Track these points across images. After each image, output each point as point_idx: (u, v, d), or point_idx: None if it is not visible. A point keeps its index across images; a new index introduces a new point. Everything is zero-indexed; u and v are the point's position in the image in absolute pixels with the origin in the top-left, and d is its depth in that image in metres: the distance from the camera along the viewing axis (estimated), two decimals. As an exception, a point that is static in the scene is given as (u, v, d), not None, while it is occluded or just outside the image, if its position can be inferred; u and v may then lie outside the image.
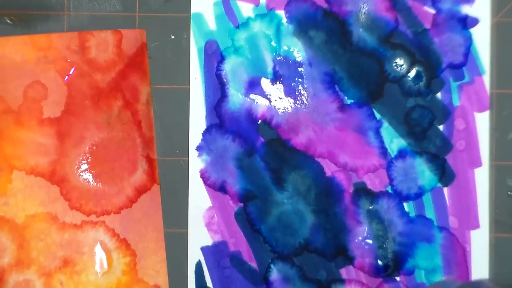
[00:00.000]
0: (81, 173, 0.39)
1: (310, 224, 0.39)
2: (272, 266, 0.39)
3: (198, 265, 0.39)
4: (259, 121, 0.40)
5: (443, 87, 0.39)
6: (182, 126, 0.40)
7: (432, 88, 0.39)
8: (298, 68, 0.40)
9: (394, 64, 0.39)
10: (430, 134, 0.39)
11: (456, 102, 0.39)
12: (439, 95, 0.39)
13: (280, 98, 0.40)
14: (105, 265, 0.39)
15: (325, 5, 0.40)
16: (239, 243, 0.40)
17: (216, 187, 0.40)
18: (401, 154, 0.39)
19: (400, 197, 0.39)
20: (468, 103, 0.39)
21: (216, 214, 0.40)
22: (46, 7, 0.40)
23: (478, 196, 0.39)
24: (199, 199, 0.40)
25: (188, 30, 0.40)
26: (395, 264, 0.39)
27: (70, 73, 0.39)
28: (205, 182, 0.40)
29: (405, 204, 0.39)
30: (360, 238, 0.39)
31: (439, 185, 0.39)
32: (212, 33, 0.40)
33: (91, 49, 0.39)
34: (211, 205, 0.40)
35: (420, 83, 0.39)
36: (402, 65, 0.39)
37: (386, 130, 0.39)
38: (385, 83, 0.39)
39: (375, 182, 0.40)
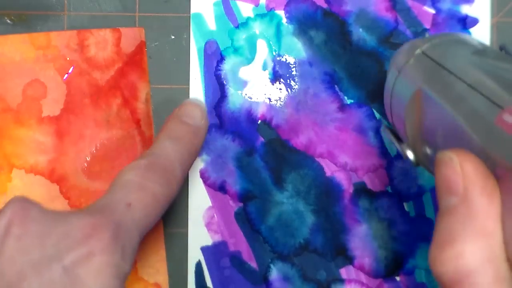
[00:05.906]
0: (80, 172, 0.39)
1: (310, 224, 0.39)
2: (272, 266, 0.39)
3: (198, 265, 0.39)
4: (259, 121, 0.40)
5: (443, 86, 0.39)
6: (181, 126, 0.40)
7: (432, 87, 0.39)
8: (298, 68, 0.40)
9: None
10: (430, 134, 0.39)
11: (456, 101, 0.39)
12: (439, 94, 0.39)
13: (280, 98, 0.40)
14: (104, 264, 0.39)
15: (325, 5, 0.40)
16: (239, 243, 0.39)
17: (216, 187, 0.39)
18: (401, 154, 0.39)
19: (400, 197, 0.39)
20: (468, 103, 0.39)
21: (216, 214, 0.39)
22: (46, 7, 0.40)
23: (478, 196, 0.39)
24: (199, 199, 0.39)
25: (188, 30, 0.40)
26: (395, 264, 0.39)
27: (69, 71, 0.39)
28: (204, 182, 0.40)
29: (405, 204, 0.39)
30: (360, 238, 0.39)
31: (439, 185, 0.39)
32: (212, 33, 0.40)
33: (90, 48, 0.39)
34: (211, 205, 0.39)
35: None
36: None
37: (386, 130, 0.39)
38: (385, 83, 0.39)
39: (375, 182, 0.39)
